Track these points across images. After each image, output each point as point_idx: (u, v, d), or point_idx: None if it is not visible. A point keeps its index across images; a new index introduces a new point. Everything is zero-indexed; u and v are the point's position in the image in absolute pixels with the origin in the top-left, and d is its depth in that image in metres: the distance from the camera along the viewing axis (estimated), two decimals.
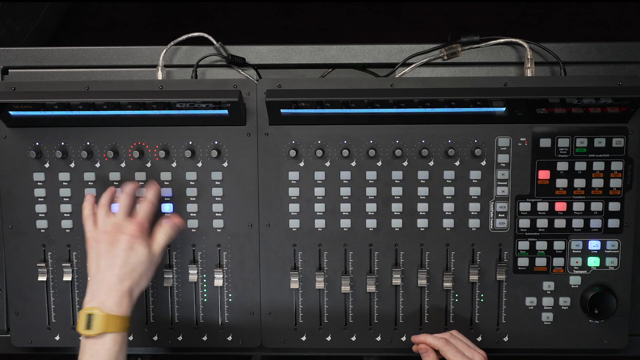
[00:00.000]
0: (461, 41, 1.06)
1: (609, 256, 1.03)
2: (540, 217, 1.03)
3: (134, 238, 0.91)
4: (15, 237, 1.05)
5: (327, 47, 1.08)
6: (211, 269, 1.06)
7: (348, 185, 1.04)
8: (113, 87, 1.02)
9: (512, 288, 1.04)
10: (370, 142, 1.03)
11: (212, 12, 1.93)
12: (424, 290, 1.05)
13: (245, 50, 1.07)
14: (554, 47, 1.05)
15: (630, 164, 1.02)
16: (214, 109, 0.99)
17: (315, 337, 1.06)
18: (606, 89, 0.98)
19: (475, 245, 1.04)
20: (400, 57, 1.07)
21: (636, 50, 1.05)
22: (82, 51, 1.08)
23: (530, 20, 1.89)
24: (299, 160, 1.04)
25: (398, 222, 1.04)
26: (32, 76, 1.08)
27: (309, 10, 1.92)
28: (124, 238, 0.90)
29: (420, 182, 1.03)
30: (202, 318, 1.06)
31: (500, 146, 1.02)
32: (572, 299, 1.04)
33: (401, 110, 0.99)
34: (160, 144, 1.04)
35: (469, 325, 1.05)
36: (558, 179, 1.02)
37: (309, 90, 1.00)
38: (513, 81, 1.00)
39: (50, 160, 1.04)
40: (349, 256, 1.05)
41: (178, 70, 1.08)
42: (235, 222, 1.05)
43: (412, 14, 1.92)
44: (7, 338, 1.10)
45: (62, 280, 1.06)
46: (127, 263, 0.90)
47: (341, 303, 1.06)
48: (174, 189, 1.04)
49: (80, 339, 0.89)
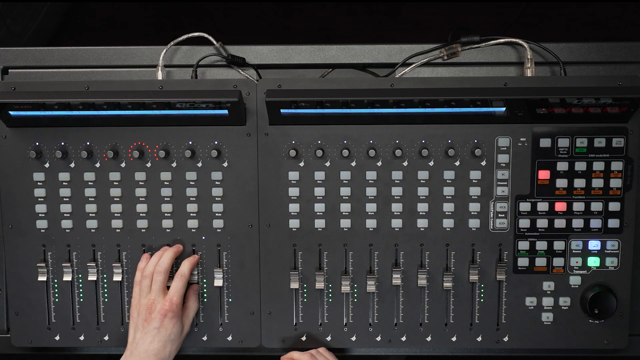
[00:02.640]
0: (461, 41, 1.06)
1: (609, 256, 1.03)
2: (540, 217, 1.03)
3: (164, 317, 0.97)
4: (15, 237, 1.05)
5: (327, 47, 1.08)
6: (211, 269, 1.06)
7: (348, 185, 1.04)
8: (113, 87, 1.02)
9: (512, 288, 1.04)
10: (370, 142, 1.03)
11: (212, 12, 1.93)
12: (424, 290, 1.05)
13: (245, 50, 1.07)
14: (554, 47, 1.05)
15: (630, 164, 1.02)
16: (214, 109, 0.99)
17: (316, 337, 1.06)
18: (606, 89, 0.98)
19: (475, 245, 1.04)
20: (400, 57, 1.07)
21: (636, 50, 1.05)
22: (82, 51, 1.08)
23: (530, 20, 1.89)
24: (299, 160, 1.04)
25: (398, 222, 1.04)
26: (32, 76, 1.08)
27: (309, 10, 1.92)
28: (156, 316, 0.97)
29: (420, 182, 1.03)
30: (202, 318, 1.06)
31: (500, 146, 1.02)
32: (572, 299, 1.04)
33: (401, 110, 0.99)
34: (160, 144, 1.04)
35: (469, 326, 1.05)
36: (558, 179, 1.02)
37: (309, 90, 1.00)
38: (513, 81, 1.00)
39: (50, 160, 1.04)
40: (349, 256, 1.05)
41: (178, 70, 1.08)
42: (235, 222, 1.05)
43: (412, 14, 1.92)
44: (7, 338, 1.10)
45: (62, 280, 1.06)
46: (158, 340, 0.97)
47: (341, 303, 1.06)
48: (174, 189, 1.04)
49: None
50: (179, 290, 1.00)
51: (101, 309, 1.07)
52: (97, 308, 1.07)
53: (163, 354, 0.97)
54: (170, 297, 0.98)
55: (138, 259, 1.05)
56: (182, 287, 1.00)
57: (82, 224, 1.05)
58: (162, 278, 1.00)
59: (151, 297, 0.99)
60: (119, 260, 1.06)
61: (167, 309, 0.97)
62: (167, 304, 0.98)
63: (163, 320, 0.97)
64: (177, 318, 0.98)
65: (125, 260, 1.06)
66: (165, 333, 0.97)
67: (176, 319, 0.98)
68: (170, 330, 0.97)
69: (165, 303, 0.98)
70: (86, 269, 1.06)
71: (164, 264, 1.00)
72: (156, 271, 1.00)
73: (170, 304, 0.98)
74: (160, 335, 0.97)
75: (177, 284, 1.00)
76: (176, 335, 0.98)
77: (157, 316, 0.97)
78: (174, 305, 0.98)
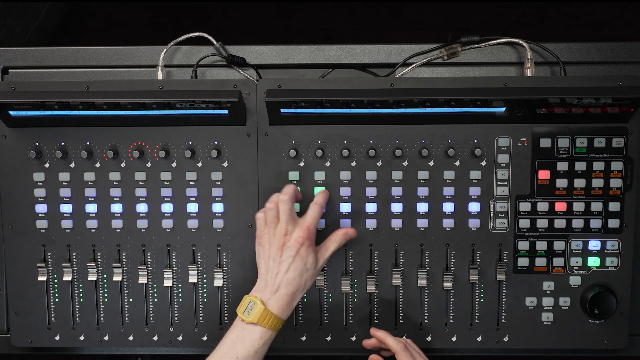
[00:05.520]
0: (461, 41, 1.06)
1: (609, 256, 1.03)
2: (540, 217, 1.03)
3: (301, 245, 0.94)
4: (15, 237, 1.05)
5: (327, 47, 1.08)
6: (211, 269, 1.06)
7: (348, 185, 1.04)
8: (113, 87, 1.02)
9: (512, 288, 1.04)
10: (370, 142, 1.03)
11: (212, 12, 1.93)
12: (424, 290, 1.05)
13: (245, 50, 1.07)
14: (554, 47, 1.05)
15: (630, 164, 1.02)
16: (214, 109, 0.99)
17: (315, 337, 1.06)
18: (606, 89, 0.98)
19: (475, 245, 1.04)
20: (400, 57, 1.07)
21: (636, 50, 1.05)
22: (82, 51, 1.08)
23: (530, 20, 1.89)
24: (299, 160, 1.04)
25: (398, 222, 1.04)
26: (32, 76, 1.08)
27: (309, 10, 1.92)
28: (293, 244, 0.94)
29: (420, 182, 1.03)
30: (202, 318, 1.06)
31: (500, 146, 1.02)
32: (572, 299, 1.04)
33: (401, 110, 0.99)
34: (160, 144, 1.04)
35: (469, 326, 1.05)
36: (558, 179, 1.02)
37: (309, 90, 1.00)
38: (513, 81, 1.00)
39: (50, 160, 1.04)
40: (349, 256, 1.05)
41: (178, 70, 1.08)
42: (235, 222, 1.05)
43: (412, 14, 1.92)
44: (7, 338, 1.10)
45: (62, 280, 1.06)
46: (293, 268, 0.93)
47: (341, 303, 1.06)
48: (174, 189, 1.04)
49: (236, 319, 0.94)
50: (316, 219, 0.96)
51: (101, 309, 1.07)
52: (97, 308, 1.07)
53: (299, 283, 0.93)
54: (308, 225, 0.95)
55: (138, 259, 1.05)
56: (318, 215, 0.97)
57: (82, 224, 1.05)
58: (289, 206, 0.96)
59: (283, 225, 0.95)
60: (119, 260, 1.06)
61: (305, 236, 0.94)
62: (303, 232, 0.94)
63: (300, 248, 0.93)
64: (312, 247, 0.95)
65: (125, 260, 1.06)
66: (301, 262, 0.93)
67: (312, 247, 0.95)
68: (306, 259, 0.94)
69: (301, 230, 0.94)
70: (86, 269, 1.06)
71: (288, 192, 0.97)
72: (281, 200, 0.96)
73: (307, 232, 0.94)
74: (295, 263, 0.93)
75: (312, 212, 0.97)
76: (312, 265, 0.94)
77: (293, 244, 0.93)
78: (310, 233, 0.95)
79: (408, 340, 1.01)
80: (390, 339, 0.98)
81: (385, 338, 0.99)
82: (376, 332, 1.01)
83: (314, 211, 0.97)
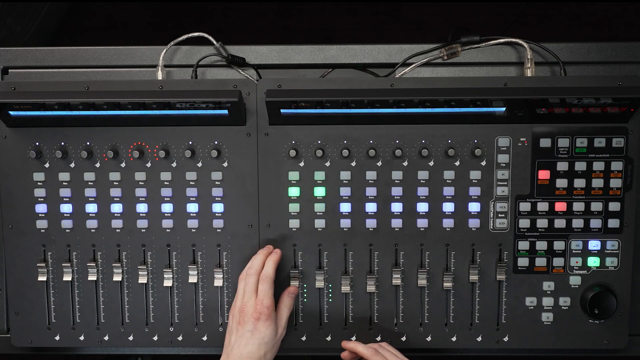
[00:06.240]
0: (461, 41, 1.06)
1: (609, 256, 1.03)
2: (540, 217, 1.03)
3: (256, 320, 0.96)
4: (15, 237, 1.05)
5: (327, 47, 1.08)
6: (211, 269, 1.06)
7: (348, 185, 1.04)
8: (113, 87, 1.02)
9: (512, 288, 1.04)
10: (370, 142, 1.03)
11: (212, 12, 1.93)
12: (424, 290, 1.05)
13: (245, 50, 1.07)
14: (554, 47, 1.05)
15: (630, 164, 1.02)
16: (214, 109, 0.99)
17: (315, 337, 1.06)
18: (606, 89, 0.98)
19: (475, 245, 1.04)
20: (400, 57, 1.07)
21: (636, 50, 1.05)
22: (82, 51, 1.08)
23: (530, 20, 1.89)
24: (299, 160, 1.04)
25: (398, 222, 1.04)
26: (32, 76, 1.08)
27: (309, 10, 1.92)
28: (249, 320, 0.96)
29: (420, 182, 1.03)
30: (202, 318, 1.06)
31: (500, 146, 1.02)
32: (572, 299, 1.04)
33: (401, 110, 0.99)
34: (160, 144, 1.04)
35: (469, 326, 1.05)
36: (558, 179, 1.02)
37: (309, 90, 1.00)
38: (513, 81, 1.00)
39: (50, 160, 1.04)
40: (349, 256, 1.05)
41: (178, 70, 1.08)
42: (235, 222, 1.05)
43: (412, 14, 1.92)
44: (7, 338, 1.10)
45: (62, 280, 1.06)
46: (251, 344, 0.96)
47: (341, 303, 1.06)
48: (174, 189, 1.04)
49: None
50: (267, 292, 0.98)
51: (101, 309, 1.07)
52: (97, 308, 1.07)
53: (257, 357, 0.95)
54: (260, 300, 0.97)
55: (138, 259, 1.05)
56: (268, 288, 0.98)
57: (82, 224, 1.05)
58: (253, 280, 0.98)
59: (244, 300, 0.98)
60: (119, 260, 1.06)
61: (259, 311, 0.96)
62: (258, 307, 0.96)
63: (256, 323, 0.96)
64: (270, 320, 0.97)
65: (125, 260, 1.06)
66: (259, 336, 0.96)
67: (269, 321, 0.96)
68: (263, 333, 0.96)
69: (256, 306, 0.97)
70: (86, 269, 1.06)
71: (255, 266, 1.00)
72: (248, 274, 0.99)
73: (260, 306, 0.96)
74: (254, 338, 0.95)
75: (263, 286, 0.98)
76: (270, 338, 0.96)
77: (249, 319, 0.96)
78: (264, 307, 0.96)
79: (382, 344, 1.02)
80: (360, 347, 1.00)
81: (356, 347, 1.00)
82: (347, 344, 1.02)
83: (263, 285, 0.98)
